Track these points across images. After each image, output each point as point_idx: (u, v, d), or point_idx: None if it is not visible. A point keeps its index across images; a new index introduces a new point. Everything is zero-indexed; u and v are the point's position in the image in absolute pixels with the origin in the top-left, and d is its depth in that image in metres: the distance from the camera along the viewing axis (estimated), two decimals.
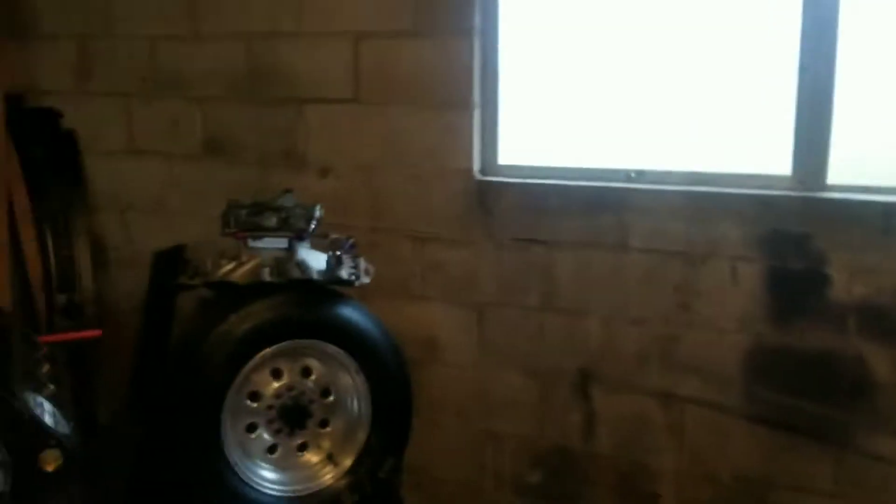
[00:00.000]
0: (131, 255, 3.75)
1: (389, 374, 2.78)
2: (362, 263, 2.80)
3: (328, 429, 2.79)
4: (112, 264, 3.82)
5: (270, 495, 2.65)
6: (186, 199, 3.55)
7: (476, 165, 3.05)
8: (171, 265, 3.45)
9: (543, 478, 3.16)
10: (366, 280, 2.75)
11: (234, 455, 2.60)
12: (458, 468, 3.27)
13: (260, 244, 2.70)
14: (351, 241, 2.78)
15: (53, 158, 3.71)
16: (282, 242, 2.70)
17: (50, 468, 1.71)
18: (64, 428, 1.75)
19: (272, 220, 2.67)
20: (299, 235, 2.69)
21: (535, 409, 3.12)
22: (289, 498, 2.67)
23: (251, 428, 2.68)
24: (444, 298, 3.16)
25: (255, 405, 2.68)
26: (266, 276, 2.63)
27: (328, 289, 2.72)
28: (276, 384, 2.70)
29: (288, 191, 2.79)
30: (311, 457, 2.78)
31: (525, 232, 3.00)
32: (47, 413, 1.75)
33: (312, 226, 2.70)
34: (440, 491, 3.30)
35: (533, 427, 3.13)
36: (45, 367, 2.03)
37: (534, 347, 3.07)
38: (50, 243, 3.71)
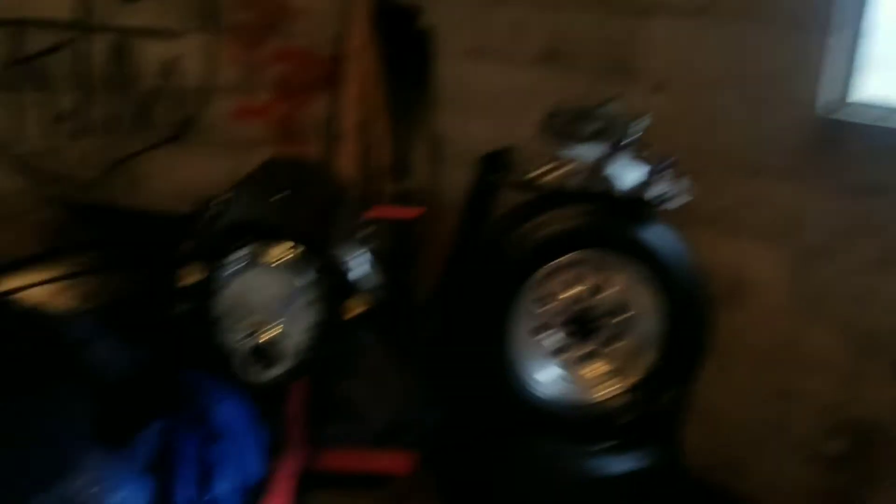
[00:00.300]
0: (463, 154, 3.95)
1: (690, 301, 2.67)
2: (677, 185, 2.69)
3: (616, 345, 2.77)
4: (445, 161, 4.08)
5: (546, 395, 2.71)
6: (519, 104, 3.64)
7: (824, 97, 2.76)
8: (495, 166, 3.59)
9: (843, 450, 2.89)
10: (678, 203, 2.65)
11: (516, 352, 2.69)
12: (746, 421, 3.11)
13: (575, 151, 2.70)
14: (670, 160, 2.68)
15: (407, 55, 4.00)
16: (597, 151, 2.68)
17: (354, 312, 1.93)
18: (371, 281, 1.96)
19: (591, 128, 2.66)
20: (616, 146, 2.64)
21: (846, 375, 2.84)
22: (565, 402, 2.71)
23: (538, 330, 2.74)
24: (761, 238, 2.96)
25: (547, 308, 2.73)
26: (577, 183, 2.64)
27: (637, 205, 2.67)
28: (570, 291, 2.72)
29: (613, 99, 2.74)
30: (593, 369, 2.79)
31: (869, 179, 2.68)
32: (359, 265, 1.96)
33: (632, 138, 2.65)
34: (723, 440, 3.16)
35: (839, 394, 2.87)
36: (366, 229, 2.27)
37: (858, 309, 2.78)
38: (396, 133, 4.05)
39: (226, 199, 2.13)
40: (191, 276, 1.88)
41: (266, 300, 1.88)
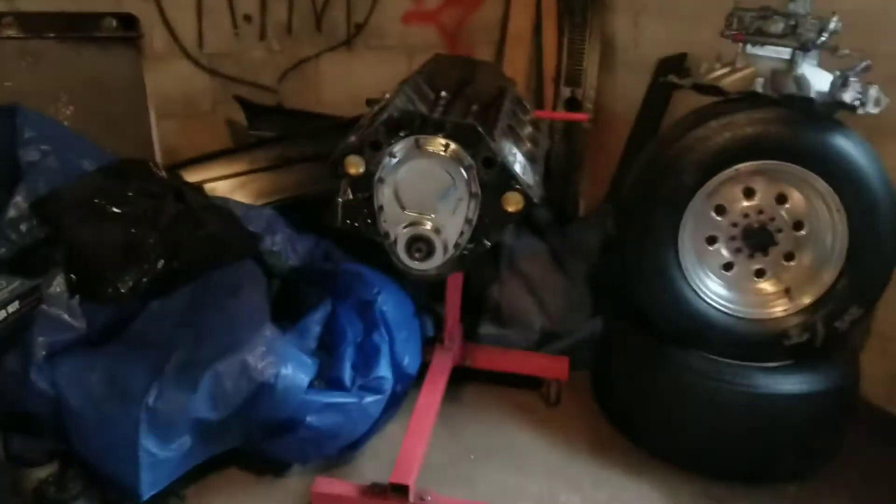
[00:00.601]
0: (636, 60, 3.81)
1: (877, 218, 2.47)
2: (873, 91, 2.45)
3: (792, 262, 2.62)
4: (618, 67, 3.94)
5: (714, 308, 2.61)
6: (699, 4, 3.43)
7: None
8: (672, 71, 3.43)
9: None
10: (873, 110, 2.42)
11: (687, 260, 2.60)
12: None
13: (759, 51, 2.52)
14: (865, 63, 2.43)
15: None
16: (784, 52, 2.48)
17: (510, 209, 1.92)
18: (529, 179, 1.93)
19: (778, 27, 2.45)
20: (805, 47, 2.43)
21: None
22: (733, 316, 2.60)
23: (711, 241, 2.64)
24: None
25: (719, 219, 2.61)
26: (758, 86, 2.46)
27: (825, 112, 2.46)
28: (745, 203, 2.58)
29: None
30: (767, 285, 2.66)
31: None
32: (518, 163, 1.93)
33: (823, 38, 2.42)
34: None
35: None
36: (528, 130, 2.23)
37: None
38: (566, 39, 3.94)
39: (391, 96, 2.15)
40: (353, 168, 1.93)
41: (424, 192, 1.91)
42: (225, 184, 3.19)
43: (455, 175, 1.88)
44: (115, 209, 2.27)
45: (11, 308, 1.92)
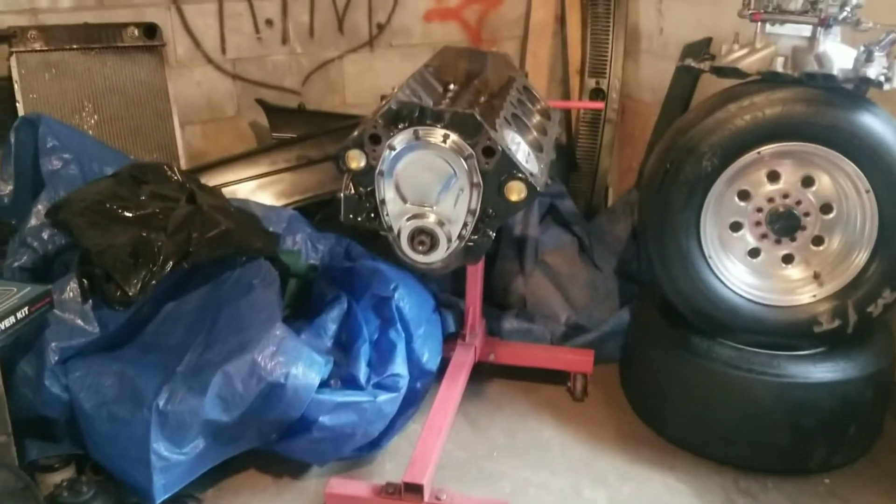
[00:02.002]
0: (661, 47, 3.74)
1: None
2: None
3: (821, 247, 2.53)
4: (642, 55, 3.87)
5: (740, 295, 2.53)
6: None
7: None
8: (697, 55, 3.36)
9: None
10: None
11: (711, 247, 2.53)
12: None
13: (779, 30, 2.43)
14: (891, 36, 2.33)
15: None
16: (804, 29, 2.39)
17: (513, 198, 1.88)
18: (533, 167, 1.89)
19: (797, 3, 2.37)
20: (826, 22, 2.34)
21: None
22: (760, 304, 2.52)
23: (735, 227, 2.56)
24: None
25: (743, 204, 2.53)
26: (778, 66, 2.38)
27: (850, 90, 2.37)
28: (770, 187, 2.50)
29: None
30: (795, 271, 2.57)
31: None
32: (521, 152, 1.89)
33: (846, 12, 2.33)
34: None
35: None
36: (536, 119, 2.18)
37: None
38: (589, 29, 3.89)
39: (397, 90, 2.13)
40: (354, 162, 1.92)
41: (425, 184, 1.88)
42: (247, 186, 3.21)
43: (455, 166, 1.85)
44: (126, 213, 2.29)
45: (20, 314, 1.95)
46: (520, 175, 1.85)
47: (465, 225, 1.91)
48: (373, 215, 1.98)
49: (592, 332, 3.08)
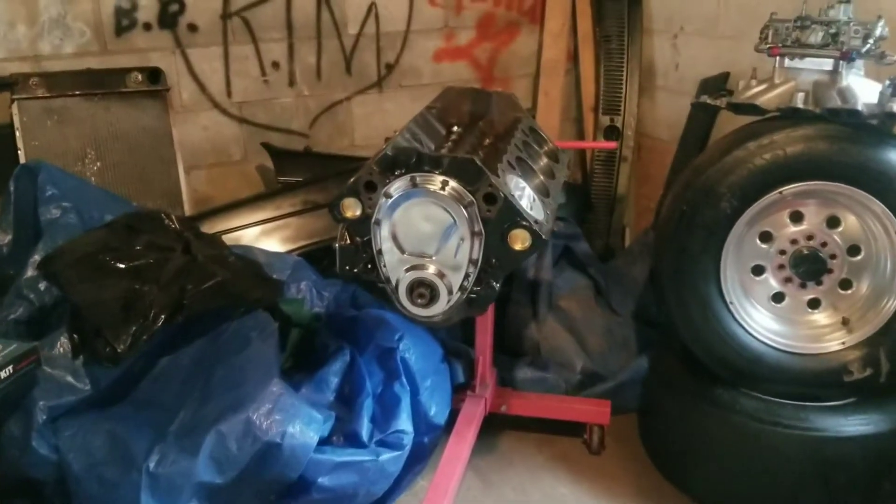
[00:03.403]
0: (677, 83, 3.64)
1: None
2: None
3: (849, 291, 2.41)
4: (657, 92, 3.77)
5: (764, 343, 2.40)
6: (741, 21, 3.25)
7: None
8: (714, 91, 3.26)
9: None
10: None
11: (732, 293, 2.41)
12: None
13: (798, 64, 2.34)
14: None
15: None
16: (825, 63, 2.29)
17: (517, 247, 1.77)
18: (538, 214, 1.78)
19: (817, 36, 2.27)
20: (848, 56, 2.23)
21: None
22: (786, 352, 2.39)
23: (758, 270, 2.44)
24: None
25: (765, 246, 2.42)
26: (799, 101, 2.27)
27: (876, 126, 2.25)
28: (793, 228, 2.39)
29: (845, 1, 2.31)
30: (822, 316, 2.44)
31: None
32: (525, 198, 1.79)
33: (868, 45, 2.22)
34: None
35: None
36: (543, 162, 2.08)
37: None
38: (602, 65, 3.80)
39: (398, 133, 2.05)
40: (349, 211, 1.82)
41: (424, 234, 1.78)
42: (251, 231, 3.13)
43: (455, 214, 1.75)
44: (118, 264, 2.21)
45: (5, 373, 1.86)
46: (524, 223, 1.74)
47: (466, 276, 1.80)
48: (370, 266, 1.88)
49: (609, 380, 2.94)
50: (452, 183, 1.74)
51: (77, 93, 3.11)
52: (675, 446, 2.63)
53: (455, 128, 2.17)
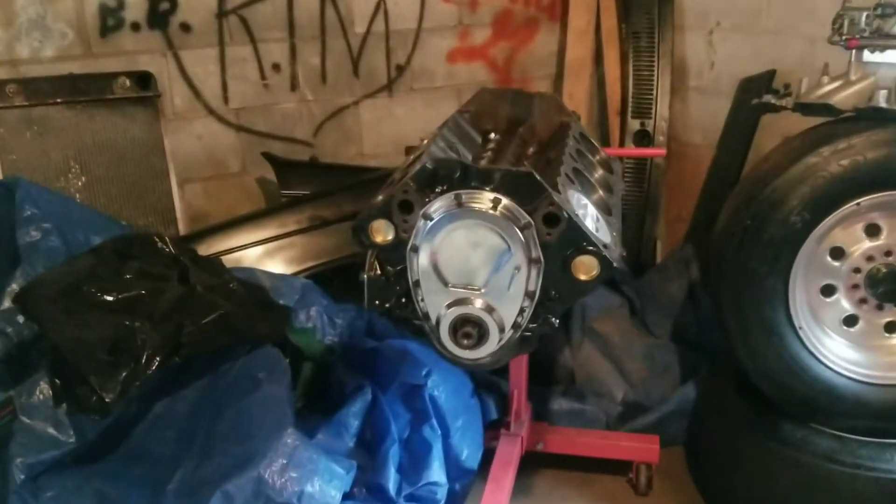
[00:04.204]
0: (713, 83, 3.38)
1: None
2: None
3: None
4: (690, 93, 3.50)
5: (838, 373, 2.14)
6: (786, 14, 2.98)
7: None
8: (758, 91, 2.99)
9: None
10: None
11: (801, 317, 2.15)
12: None
13: (880, 58, 2.06)
14: None
15: None
16: None
17: (583, 277, 1.48)
18: (605, 236, 1.50)
19: None
20: None
21: None
22: (864, 383, 2.12)
23: (828, 291, 2.17)
24: None
25: (837, 264, 2.17)
26: (881, 100, 2.02)
27: None
28: (869, 243, 2.13)
29: None
30: None
31: None
32: (589, 217, 1.51)
33: None
34: None
35: None
36: (599, 173, 1.80)
37: None
38: (631, 65, 3.53)
39: (428, 142, 1.75)
40: (379, 235, 1.53)
41: (471, 262, 1.48)
42: (253, 252, 2.84)
43: (509, 238, 1.45)
44: (105, 297, 1.91)
45: None
46: (590, 248, 1.45)
47: (521, 311, 1.51)
48: (404, 300, 1.59)
49: (653, 412, 2.66)
50: (505, 201, 1.44)
51: (59, 100, 2.83)
52: (735, 489, 2.35)
53: (492, 134, 1.88)
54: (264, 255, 2.83)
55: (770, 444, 2.21)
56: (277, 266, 2.81)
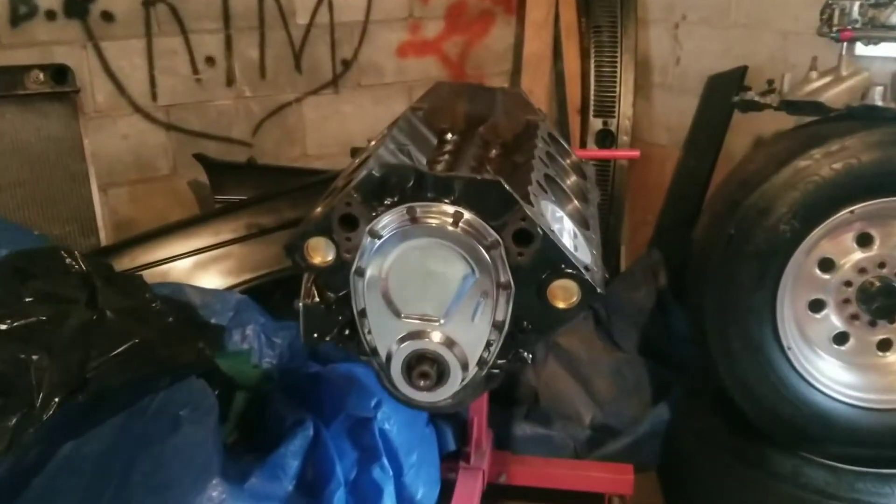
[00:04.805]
0: (679, 80, 3.19)
1: None
2: None
3: None
4: (655, 89, 3.31)
5: (829, 396, 1.96)
6: (757, 7, 2.80)
7: None
8: (727, 90, 2.81)
9: None
10: None
11: (790, 336, 1.96)
12: None
13: (875, 51, 1.88)
14: None
15: None
16: None
17: (561, 304, 1.25)
18: (585, 256, 1.27)
19: None
20: None
21: None
22: (859, 407, 1.94)
23: (816, 306, 1.99)
24: None
25: (826, 277, 1.99)
26: (876, 97, 1.83)
27: None
28: (861, 254, 1.97)
29: None
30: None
31: None
32: (566, 232, 1.28)
33: None
34: None
35: None
36: (571, 179, 1.58)
37: None
38: (592, 61, 3.32)
39: (375, 144, 1.51)
40: (317, 256, 1.28)
41: (428, 288, 1.23)
42: (183, 264, 2.56)
43: (473, 260, 1.21)
44: None
45: None
46: (569, 271, 1.22)
47: (488, 345, 1.27)
48: (347, 333, 1.34)
49: (625, 435, 2.45)
50: (468, 215, 1.20)
51: None
52: None
53: (449, 135, 1.65)
54: (196, 267, 2.55)
55: (757, 475, 2.03)
56: (210, 280, 2.54)
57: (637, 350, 2.80)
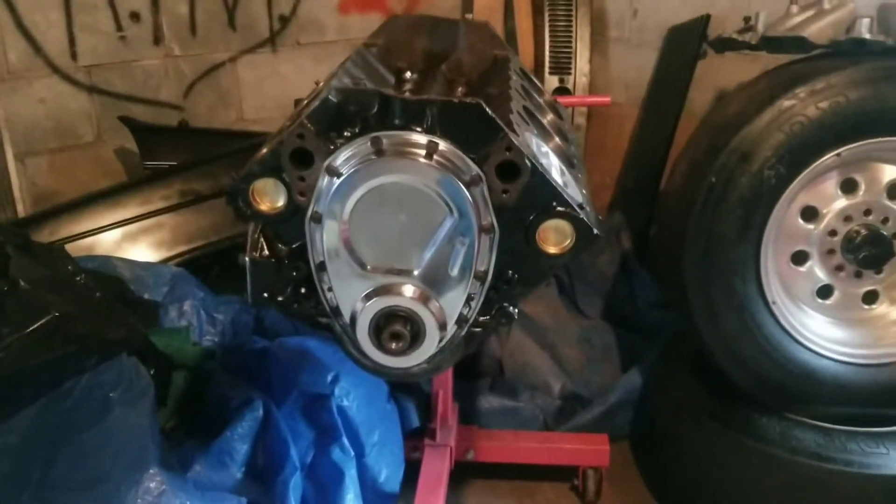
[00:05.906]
0: (636, 34, 3.06)
1: None
2: None
3: None
4: (612, 44, 3.17)
5: (816, 353, 1.85)
6: None
7: None
8: (689, 42, 2.69)
9: None
10: None
11: (774, 290, 1.84)
12: None
13: None
14: None
15: None
16: None
17: (552, 249, 1.08)
18: (576, 194, 1.11)
19: None
20: None
21: None
22: (849, 363, 1.84)
23: (799, 258, 1.87)
24: None
25: (810, 226, 1.86)
26: (863, 30, 1.71)
27: None
28: (846, 202, 1.85)
29: None
30: (886, 310, 1.90)
31: None
32: (554, 168, 1.11)
33: None
34: None
35: None
36: (549, 116, 1.41)
37: None
38: (546, 16, 3.17)
39: (324, 83, 1.31)
40: (265, 201, 1.08)
41: (398, 235, 1.05)
42: (111, 236, 2.35)
43: (451, 199, 1.03)
44: None
45: None
46: (562, 209, 1.05)
47: (468, 299, 1.09)
48: (303, 291, 1.15)
49: (597, 405, 2.32)
50: (444, 146, 1.02)
51: None
52: (700, 492, 2.03)
53: (407, 73, 1.46)
54: (124, 239, 2.34)
55: (741, 439, 1.91)
56: (141, 253, 2.34)
57: (601, 316, 2.68)
